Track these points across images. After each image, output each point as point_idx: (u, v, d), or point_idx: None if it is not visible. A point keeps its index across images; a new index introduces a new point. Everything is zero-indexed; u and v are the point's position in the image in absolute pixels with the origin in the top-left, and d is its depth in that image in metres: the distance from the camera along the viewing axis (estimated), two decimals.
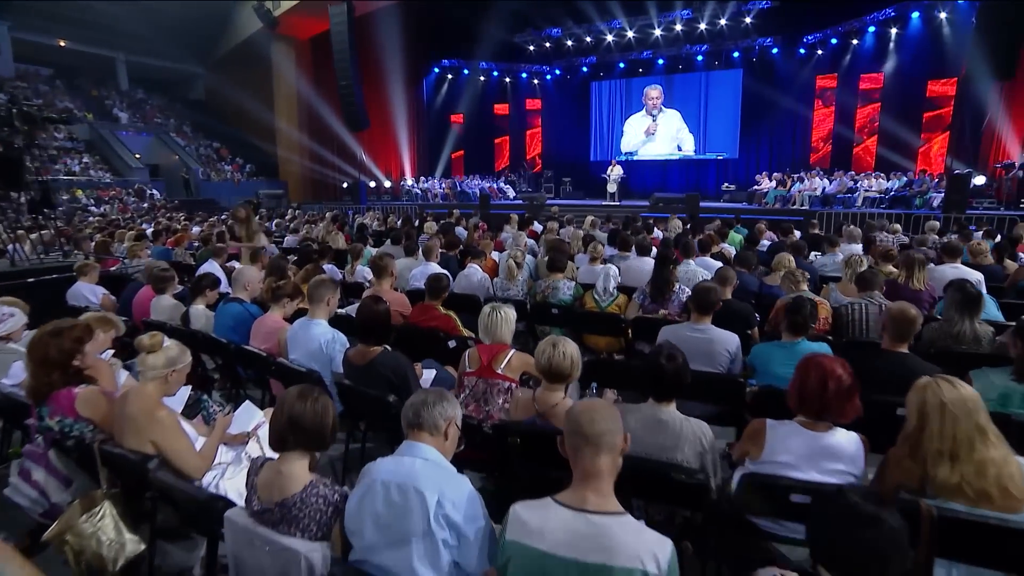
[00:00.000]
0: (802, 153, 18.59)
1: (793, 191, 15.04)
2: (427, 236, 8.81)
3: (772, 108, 18.63)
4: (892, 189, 13.97)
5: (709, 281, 3.55)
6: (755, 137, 19.35)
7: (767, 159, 19.22)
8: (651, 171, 20.71)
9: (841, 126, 17.65)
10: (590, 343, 4.96)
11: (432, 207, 17.31)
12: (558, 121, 22.25)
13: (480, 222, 10.42)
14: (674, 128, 20.53)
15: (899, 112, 16.24)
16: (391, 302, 4.24)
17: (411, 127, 21.37)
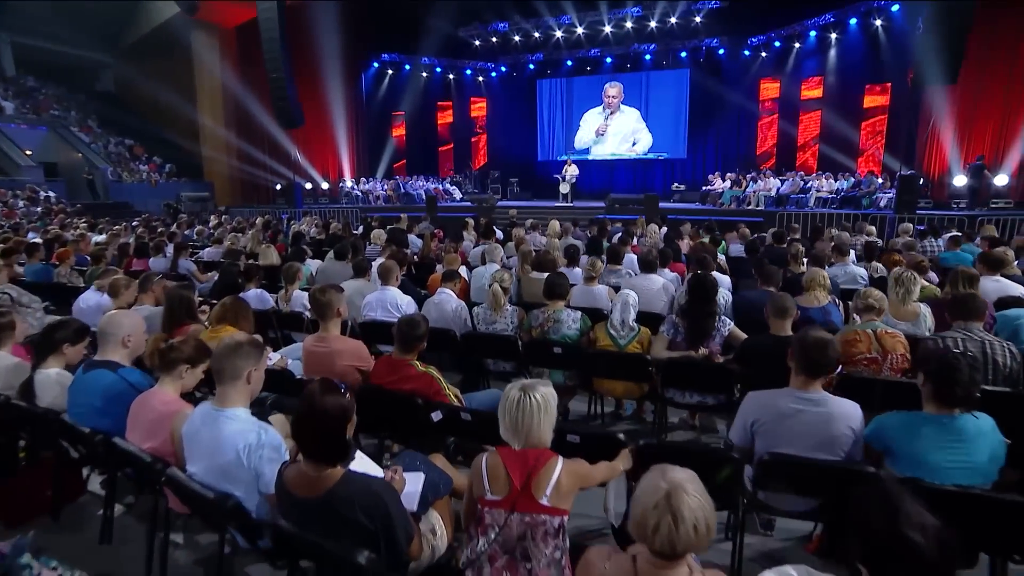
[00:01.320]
0: (748, 153, 18.48)
1: (748, 191, 14.66)
2: (376, 247, 7.45)
3: (719, 109, 18.39)
4: (842, 189, 13.83)
5: (817, 330, 2.45)
6: (702, 137, 19.07)
7: (714, 159, 18.99)
8: (599, 171, 20.15)
9: (785, 127, 17.61)
10: (602, 388, 3.84)
11: (375, 210, 16.11)
12: (504, 120, 21.46)
13: (435, 229, 9.07)
14: (629, 127, 19.96)
15: (840, 115, 16.25)
16: (343, 354, 2.94)
17: (350, 125, 20.04)
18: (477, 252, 7.07)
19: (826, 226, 10.65)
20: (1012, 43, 12.60)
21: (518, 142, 21.18)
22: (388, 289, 4.47)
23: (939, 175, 14.07)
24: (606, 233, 7.85)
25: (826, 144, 16.74)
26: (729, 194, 14.96)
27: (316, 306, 3.13)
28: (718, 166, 18.31)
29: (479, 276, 5.29)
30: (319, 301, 3.11)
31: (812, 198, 13.83)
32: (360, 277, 5.00)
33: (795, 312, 3.33)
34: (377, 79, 21.10)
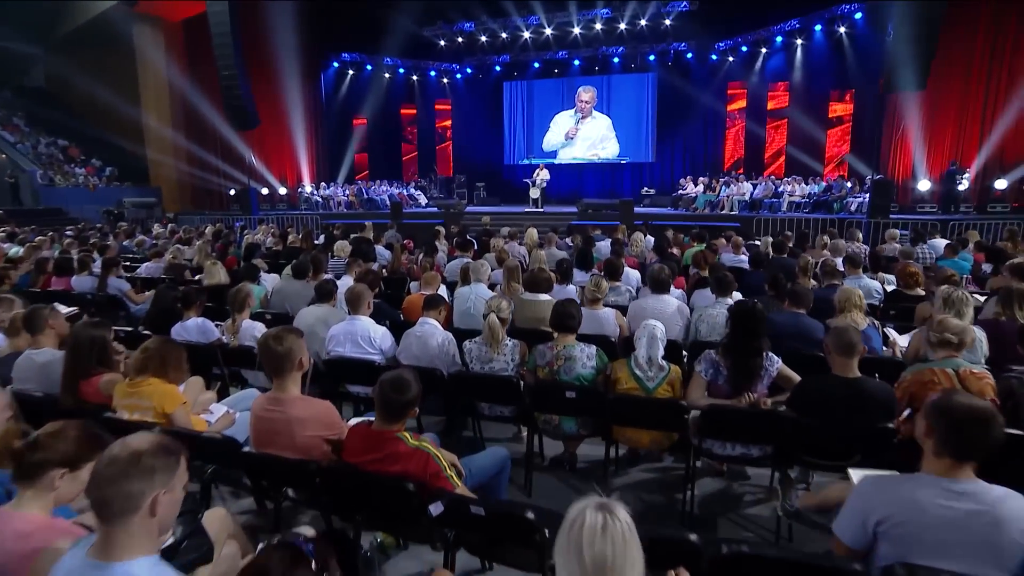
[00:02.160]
0: (716, 157, 18.39)
1: (722, 196, 14.51)
2: (341, 260, 6.60)
3: (687, 113, 18.29)
4: (814, 194, 13.78)
5: (964, 394, 1.79)
6: (670, 142, 18.92)
7: (682, 164, 18.89)
8: (567, 176, 19.75)
9: (753, 132, 17.59)
10: (624, 437, 3.16)
11: (337, 217, 15.09)
12: (470, 123, 20.94)
13: (405, 240, 8.25)
14: (599, 134, 19.61)
15: (806, 120, 16.29)
16: (306, 422, 2.17)
17: (309, 127, 19.02)
18: (454, 267, 6.33)
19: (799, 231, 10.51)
20: (971, 50, 12.68)
21: (484, 146, 20.73)
22: (358, 319, 3.67)
23: (903, 180, 14.09)
24: (593, 243, 7.19)
25: (794, 148, 16.74)
26: (703, 198, 14.71)
27: (269, 358, 2.32)
28: (686, 170, 18.20)
29: (462, 298, 4.54)
30: (273, 352, 2.30)
31: (785, 202, 13.72)
32: (324, 302, 4.17)
33: (863, 348, 2.71)
34: (337, 79, 20.15)
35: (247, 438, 2.42)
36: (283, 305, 5.03)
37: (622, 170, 19.51)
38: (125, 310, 5.57)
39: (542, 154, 19.70)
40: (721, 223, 12.29)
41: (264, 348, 2.33)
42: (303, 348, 2.35)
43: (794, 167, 16.23)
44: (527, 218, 14.34)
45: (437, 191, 19.87)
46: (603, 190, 19.31)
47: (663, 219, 13.42)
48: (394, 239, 9.72)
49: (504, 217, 13.99)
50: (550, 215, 15.00)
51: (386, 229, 10.46)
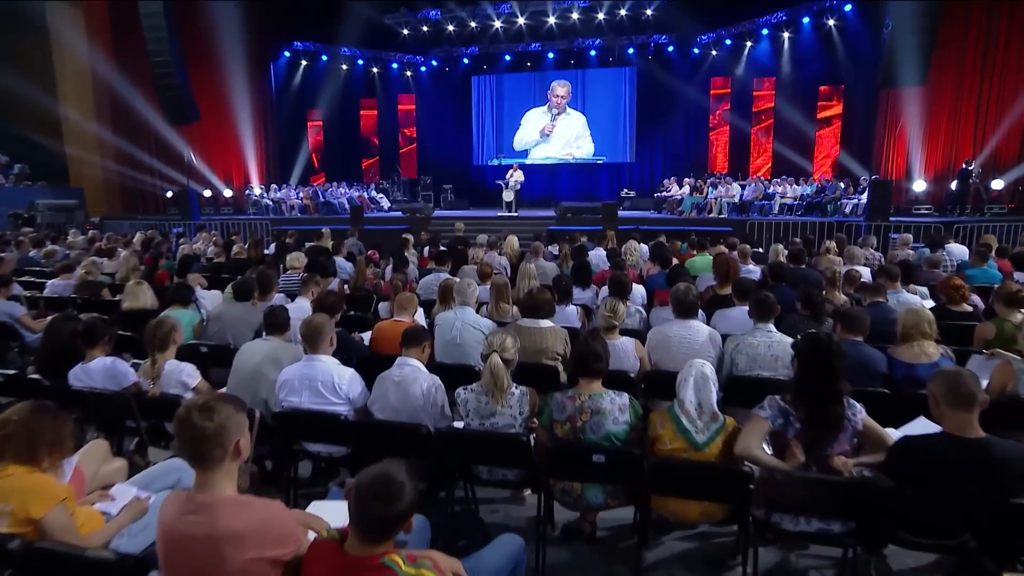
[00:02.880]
0: (699, 157, 18.26)
1: (709, 198, 14.28)
2: (295, 275, 5.92)
3: (668, 110, 18.15)
4: (806, 195, 13.67)
5: None
6: (649, 140, 18.74)
7: (662, 164, 18.72)
8: (541, 177, 19.41)
9: (738, 130, 17.49)
10: (668, 510, 2.61)
11: (289, 223, 14.33)
12: (436, 120, 20.45)
13: (370, 251, 7.58)
14: (574, 132, 19.29)
15: (794, 117, 16.23)
16: (244, 540, 1.53)
17: (257, 123, 18.32)
18: (429, 283, 5.74)
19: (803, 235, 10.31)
20: (964, 46, 12.78)
21: (451, 145, 20.31)
22: (318, 360, 3.02)
23: (896, 180, 14.12)
24: (585, 253, 6.68)
25: (782, 147, 16.66)
26: (689, 201, 14.46)
27: (190, 438, 1.65)
28: (667, 171, 18.01)
29: (445, 325, 3.93)
30: (196, 431, 1.63)
31: (776, 204, 13.55)
32: (275, 334, 3.49)
33: (985, 398, 2.21)
34: (289, 71, 19.36)
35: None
36: (223, 334, 4.31)
37: (598, 170, 19.29)
38: (19, 340, 4.74)
39: (513, 153, 19.35)
40: (711, 227, 11.95)
41: (183, 425, 1.66)
42: (242, 426, 1.70)
43: (782, 167, 16.14)
44: (501, 223, 13.83)
45: (401, 194, 19.37)
46: (578, 192, 19.07)
47: (648, 223, 13.11)
48: (356, 248, 9.15)
49: (475, 222, 13.47)
50: (525, 220, 14.55)
51: (346, 237, 9.83)
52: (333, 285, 5.98)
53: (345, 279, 6.78)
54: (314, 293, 4.59)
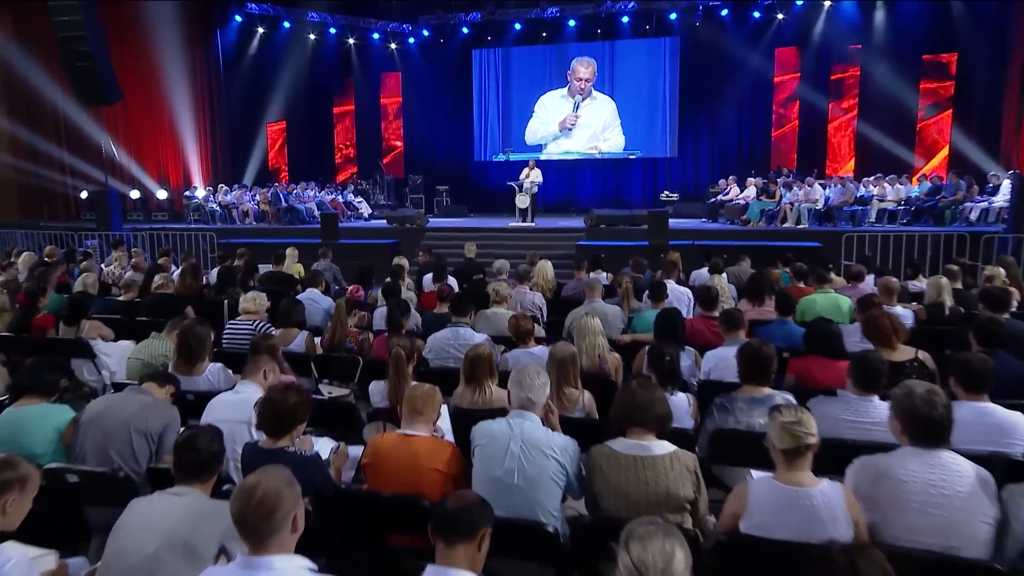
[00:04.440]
0: (759, 150, 17.79)
1: (783, 203, 13.29)
2: (247, 323, 5.07)
3: (721, 92, 17.66)
4: (915, 197, 12.78)
5: None
6: (696, 130, 18.33)
7: (710, 159, 18.39)
8: (558, 176, 19.18)
9: (811, 115, 16.98)
10: None
11: (241, 234, 13.69)
12: (427, 105, 20.27)
13: (352, 287, 6.42)
14: (600, 122, 18.86)
15: (887, 97, 15.56)
16: None
17: (201, 107, 17.95)
18: (442, 344, 4.63)
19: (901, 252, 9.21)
20: None
21: (447, 136, 20.30)
22: (273, 568, 1.71)
23: None
24: (664, 293, 5.51)
25: (872, 137, 15.83)
26: (757, 207, 13.44)
27: None
28: (717, 168, 17.73)
29: (492, 447, 2.72)
30: None
31: (874, 210, 12.67)
32: (193, 481, 2.20)
33: None
34: (242, 41, 18.68)
35: None
36: (103, 445, 2.98)
37: (631, 168, 19.00)
38: None
39: (524, 147, 19.09)
40: (792, 242, 11.05)
41: None
42: None
43: (873, 162, 15.22)
44: (514, 237, 13.22)
45: (385, 197, 19.09)
46: (605, 195, 18.80)
47: (706, 237, 12.31)
48: (330, 275, 8.09)
49: (481, 235, 12.84)
50: (546, 233, 13.74)
51: (317, 257, 8.84)
52: (298, 341, 4.86)
53: (316, 325, 5.74)
54: (267, 375, 3.31)
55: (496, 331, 5.13)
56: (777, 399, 3.18)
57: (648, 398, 2.65)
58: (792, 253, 8.84)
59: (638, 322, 5.30)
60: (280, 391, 2.68)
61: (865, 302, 4.80)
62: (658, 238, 11.43)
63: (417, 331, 5.39)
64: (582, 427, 3.34)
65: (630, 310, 5.89)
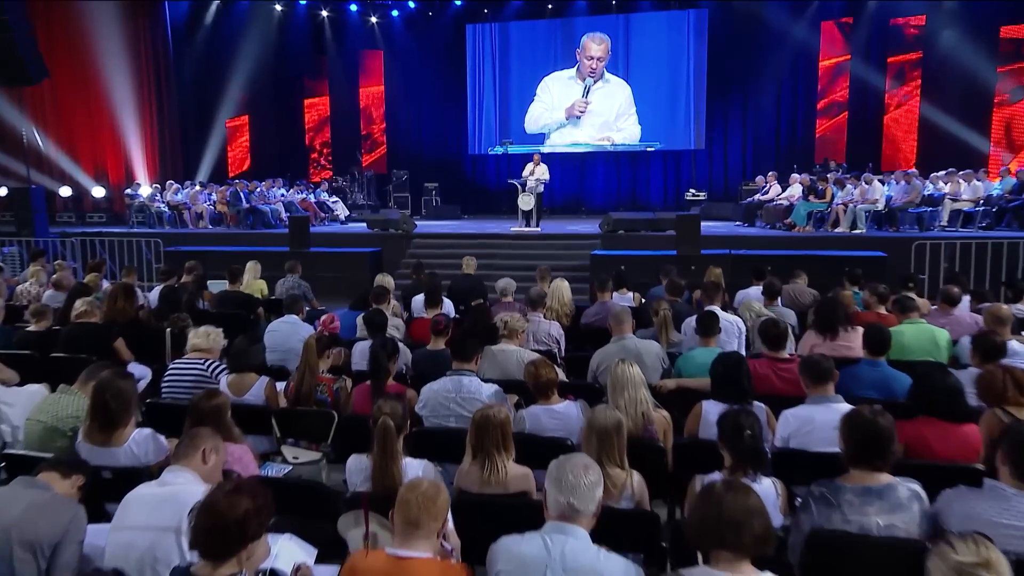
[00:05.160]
0: (796, 143, 17.88)
1: (836, 203, 12.95)
2: (195, 364, 4.72)
3: (755, 72, 17.77)
4: (998, 196, 12.40)
5: None
6: (724, 117, 18.43)
7: (741, 151, 18.52)
8: (565, 171, 19.30)
9: (863, 99, 17.00)
10: None
11: (193, 240, 13.79)
12: (413, 89, 20.34)
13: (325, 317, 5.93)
14: (613, 109, 18.85)
15: (956, 78, 15.52)
16: None
17: (146, 91, 17.99)
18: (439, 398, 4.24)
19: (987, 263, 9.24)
20: None
21: (436, 125, 20.47)
22: None
23: None
24: (717, 324, 5.08)
25: (938, 124, 15.78)
26: (804, 208, 13.10)
27: None
28: (750, 162, 18.03)
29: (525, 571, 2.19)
30: None
31: (946, 212, 12.36)
32: None
33: None
34: (194, 15, 18.93)
35: None
36: None
37: (649, 163, 19.17)
38: None
39: (525, 137, 19.13)
40: (850, 252, 10.79)
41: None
42: None
43: (940, 154, 14.97)
44: (517, 245, 13.06)
45: (364, 196, 19.12)
46: (619, 194, 19.03)
47: (744, 245, 12.00)
48: (297, 292, 7.84)
49: (478, 244, 12.86)
50: (553, 240, 13.48)
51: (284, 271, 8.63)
52: (256, 390, 4.44)
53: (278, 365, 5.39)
54: (207, 457, 2.78)
55: (504, 374, 4.76)
56: (901, 490, 2.69)
57: (742, 510, 2.13)
58: (852, 265, 8.54)
59: (685, 364, 4.86)
60: (226, 495, 2.14)
61: (986, 345, 4.28)
62: (688, 247, 11.13)
63: (406, 373, 5.02)
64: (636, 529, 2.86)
65: (669, 344, 5.49)
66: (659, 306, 5.81)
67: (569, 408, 3.88)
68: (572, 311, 6.81)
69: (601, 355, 4.87)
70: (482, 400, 3.93)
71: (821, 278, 8.06)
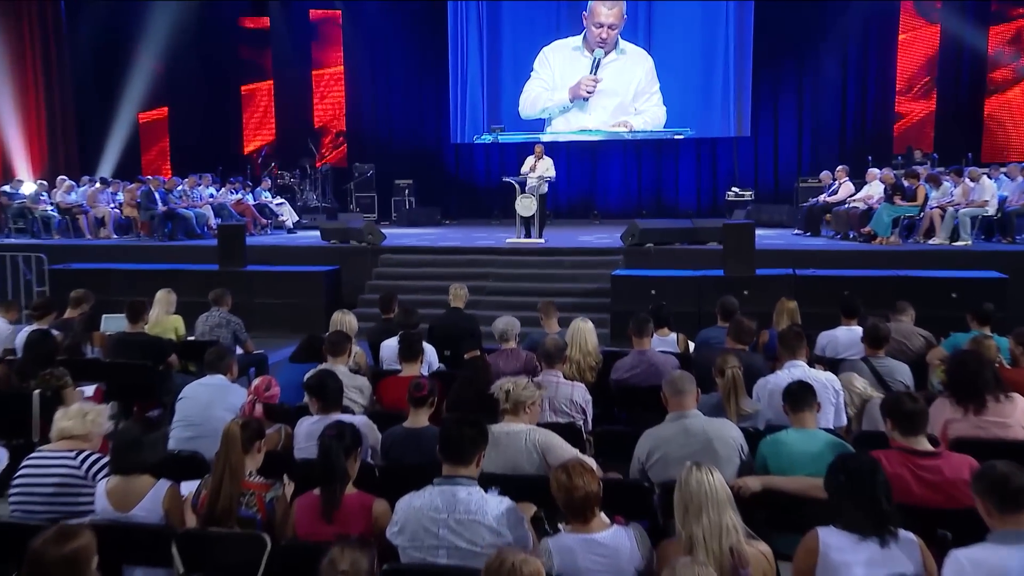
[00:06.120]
0: (866, 127, 18.09)
1: (930, 207, 12.72)
2: (59, 458, 4.26)
3: (815, 42, 17.96)
4: None
5: None
6: (771, 97, 18.55)
7: (797, 139, 18.67)
8: (571, 164, 19.58)
9: (956, 75, 17.16)
10: None
11: (91, 256, 13.51)
12: (382, 63, 20.56)
13: (260, 379, 5.44)
14: (632, 86, 18.94)
15: None
16: None
17: (30, 63, 18.21)
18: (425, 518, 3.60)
19: None
20: None
21: (411, 108, 20.62)
22: None
23: None
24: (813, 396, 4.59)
25: None
26: (888, 213, 12.79)
27: None
28: (805, 153, 18.22)
29: None
30: None
31: None
32: None
33: None
34: None
35: None
36: None
37: (677, 154, 19.38)
38: None
39: (519, 123, 19.35)
40: (959, 272, 10.44)
41: None
42: None
43: None
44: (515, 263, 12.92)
45: (318, 197, 19.25)
46: (641, 196, 19.25)
47: (812, 262, 11.62)
48: (225, 333, 7.76)
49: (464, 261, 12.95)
50: (561, 255, 13.20)
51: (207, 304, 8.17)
52: (151, 501, 3.92)
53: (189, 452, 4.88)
54: None
55: (511, 466, 4.25)
56: None
57: None
58: (962, 290, 8.75)
59: (773, 453, 4.25)
60: None
61: None
62: (739, 265, 10.76)
63: (375, 463, 4.54)
64: None
65: (739, 415, 4.96)
66: (725, 362, 5.19)
67: (619, 538, 3.27)
68: (599, 363, 6.32)
69: (653, 440, 4.29)
70: (486, 524, 3.39)
71: (918, 310, 7.53)
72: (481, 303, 10.86)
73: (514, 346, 6.54)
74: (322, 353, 5.96)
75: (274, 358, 8.47)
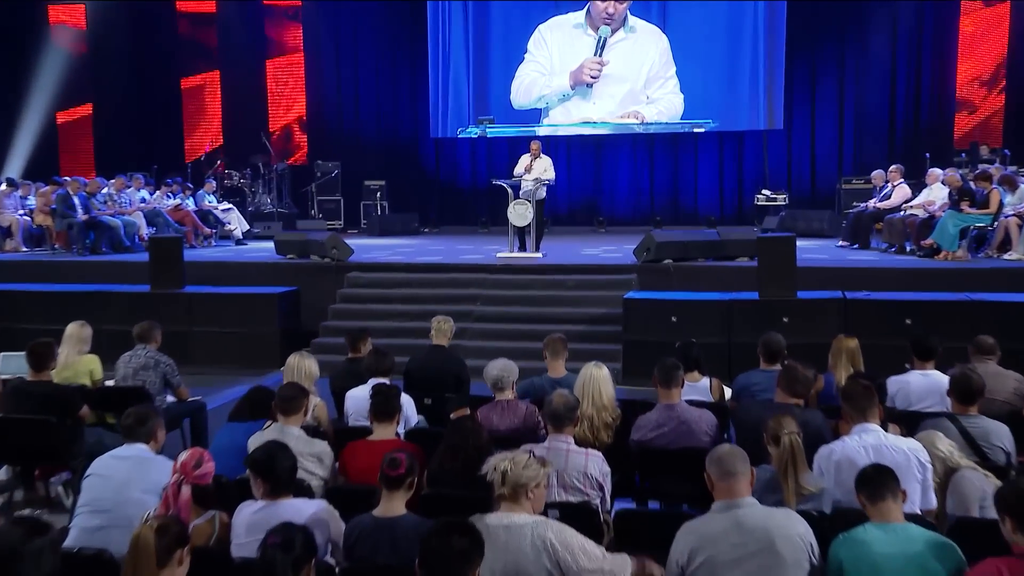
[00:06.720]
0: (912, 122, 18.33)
1: (1006, 215, 12.69)
2: None
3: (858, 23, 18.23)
4: None
5: None
6: (807, 85, 18.74)
7: (837, 134, 18.78)
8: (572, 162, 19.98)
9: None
10: None
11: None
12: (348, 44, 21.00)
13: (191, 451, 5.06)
14: (643, 70, 19.20)
15: None
16: None
17: None
18: None
19: None
20: None
21: (384, 97, 20.86)
22: None
23: None
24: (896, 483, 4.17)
25: None
26: (954, 223, 12.66)
27: None
28: (847, 150, 18.45)
29: None
30: None
31: None
32: None
33: None
34: None
35: None
36: None
37: (695, 150, 19.65)
38: None
39: (512, 115, 19.68)
40: None
41: None
42: None
43: None
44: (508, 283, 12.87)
45: (273, 201, 19.32)
46: (654, 199, 19.57)
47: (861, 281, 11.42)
48: (152, 375, 7.41)
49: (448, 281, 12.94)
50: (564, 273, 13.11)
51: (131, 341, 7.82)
52: None
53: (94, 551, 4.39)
54: None
55: (514, 572, 3.87)
56: None
57: None
58: None
59: (851, 555, 3.79)
60: None
61: None
62: (777, 287, 10.56)
63: (336, 562, 4.26)
64: None
65: (798, 495, 4.52)
66: (780, 426, 4.75)
67: None
68: (617, 418, 5.95)
69: (696, 538, 3.83)
70: None
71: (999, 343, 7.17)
72: (467, 332, 10.73)
73: (511, 397, 6.17)
74: (271, 410, 5.51)
75: (215, 402, 8.25)
